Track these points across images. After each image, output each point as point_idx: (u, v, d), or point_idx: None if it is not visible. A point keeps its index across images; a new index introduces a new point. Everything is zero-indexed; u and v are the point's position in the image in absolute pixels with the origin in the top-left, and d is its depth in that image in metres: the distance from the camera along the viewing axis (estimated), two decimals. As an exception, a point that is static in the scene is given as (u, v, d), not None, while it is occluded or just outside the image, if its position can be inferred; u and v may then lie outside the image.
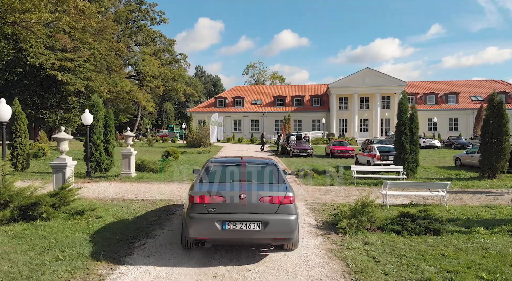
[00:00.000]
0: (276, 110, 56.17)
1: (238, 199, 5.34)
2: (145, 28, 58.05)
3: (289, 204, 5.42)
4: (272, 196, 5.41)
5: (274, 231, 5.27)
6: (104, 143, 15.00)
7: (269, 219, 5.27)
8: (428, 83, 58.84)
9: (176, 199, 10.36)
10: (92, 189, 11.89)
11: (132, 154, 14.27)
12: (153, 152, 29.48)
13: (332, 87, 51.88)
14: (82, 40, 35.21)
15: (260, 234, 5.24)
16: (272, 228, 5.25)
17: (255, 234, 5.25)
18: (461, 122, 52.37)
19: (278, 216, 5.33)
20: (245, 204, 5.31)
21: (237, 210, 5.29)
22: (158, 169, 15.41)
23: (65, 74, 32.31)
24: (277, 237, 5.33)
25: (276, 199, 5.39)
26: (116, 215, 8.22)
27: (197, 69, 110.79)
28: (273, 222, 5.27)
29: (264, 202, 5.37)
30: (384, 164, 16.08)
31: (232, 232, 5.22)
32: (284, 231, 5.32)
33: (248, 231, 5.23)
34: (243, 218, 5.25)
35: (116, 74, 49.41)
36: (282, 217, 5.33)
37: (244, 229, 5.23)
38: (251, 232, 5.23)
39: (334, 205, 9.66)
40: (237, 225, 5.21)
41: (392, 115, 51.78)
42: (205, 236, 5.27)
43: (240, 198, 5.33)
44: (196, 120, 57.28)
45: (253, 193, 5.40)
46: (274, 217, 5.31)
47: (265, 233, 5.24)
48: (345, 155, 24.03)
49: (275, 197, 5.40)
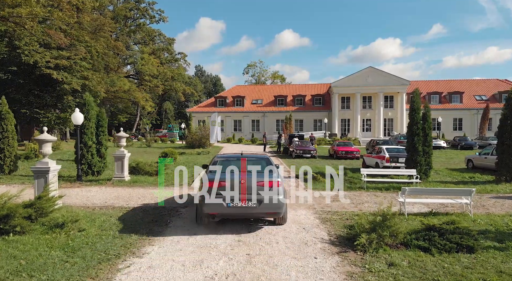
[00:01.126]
0: (277, 109, 55.23)
1: (239, 184, 6.90)
2: (144, 27, 57.07)
3: (278, 187, 7.04)
4: (264, 181, 6.99)
5: (266, 207, 6.89)
6: (96, 144, 14.05)
7: (263, 198, 6.88)
8: (431, 82, 57.89)
9: (171, 206, 9.42)
10: (81, 195, 10.95)
11: (125, 156, 13.31)
12: (151, 153, 28.54)
13: (334, 87, 50.94)
14: (78, 38, 34.24)
15: (256, 210, 6.89)
16: (265, 205, 6.87)
17: (253, 210, 6.89)
18: (465, 122, 51.42)
19: (269, 196, 6.91)
20: (244, 187, 6.88)
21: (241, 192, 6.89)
22: (154, 172, 14.46)
23: (61, 72, 31.33)
24: (269, 212, 7.02)
25: (268, 183, 6.99)
26: (102, 226, 7.28)
27: (197, 68, 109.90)
28: (266, 200, 6.88)
29: (259, 185, 6.93)
30: (394, 166, 15.13)
31: (235, 208, 6.86)
32: (274, 207, 6.95)
33: (247, 208, 6.87)
34: (243, 198, 6.87)
35: (114, 73, 48.47)
36: (272, 196, 6.91)
37: (244, 206, 6.85)
38: (250, 208, 6.87)
39: (346, 214, 8.71)
40: (241, 202, 6.84)
41: (395, 115, 50.93)
42: (215, 212, 6.87)
43: (240, 183, 6.91)
44: (196, 120, 56.32)
45: (251, 179, 6.96)
46: (267, 197, 6.89)
47: (260, 208, 6.88)
48: (350, 156, 23.08)
49: (267, 182, 6.99)
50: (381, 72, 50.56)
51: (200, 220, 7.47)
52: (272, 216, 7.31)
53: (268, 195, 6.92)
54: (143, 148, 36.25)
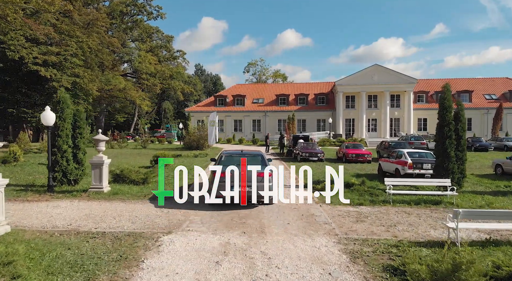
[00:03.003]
0: (279, 109, 53.18)
1: (239, 173, 9.02)
2: (141, 23, 54.97)
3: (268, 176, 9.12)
4: (259, 172, 9.21)
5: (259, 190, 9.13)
6: (72, 148, 12.02)
7: (257, 185, 9.00)
8: (439, 81, 55.75)
9: (152, 231, 7.40)
10: (44, 212, 8.93)
11: (104, 163, 11.29)
12: (145, 155, 26.51)
13: (338, 85, 48.87)
14: (69, 33, 32.24)
15: (252, 192, 9.18)
16: (258, 189, 9.10)
17: (249, 193, 9.28)
18: (475, 121, 49.29)
19: (260, 183, 9.11)
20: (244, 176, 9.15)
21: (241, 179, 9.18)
22: (140, 181, 12.44)
23: (50, 69, 29.34)
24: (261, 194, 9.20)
25: (261, 174, 9.19)
26: (49, 268, 5.25)
27: (196, 67, 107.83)
28: (259, 186, 9.09)
29: (253, 175, 8.90)
30: (418, 174, 13.10)
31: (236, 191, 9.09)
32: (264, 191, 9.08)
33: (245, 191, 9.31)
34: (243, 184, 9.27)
35: (110, 71, 46.47)
36: (262, 183, 9.05)
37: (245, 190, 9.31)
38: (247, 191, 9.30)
39: (380, 243, 6.67)
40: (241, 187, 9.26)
41: (402, 115, 48.87)
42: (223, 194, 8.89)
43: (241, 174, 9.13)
44: (195, 120, 54.30)
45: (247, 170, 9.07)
46: (260, 183, 9.11)
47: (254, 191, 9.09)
48: (361, 160, 21.04)
49: (261, 173, 9.22)
50: (387, 70, 48.50)
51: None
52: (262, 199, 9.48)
53: (259, 182, 9.06)
54: (138, 149, 34.24)
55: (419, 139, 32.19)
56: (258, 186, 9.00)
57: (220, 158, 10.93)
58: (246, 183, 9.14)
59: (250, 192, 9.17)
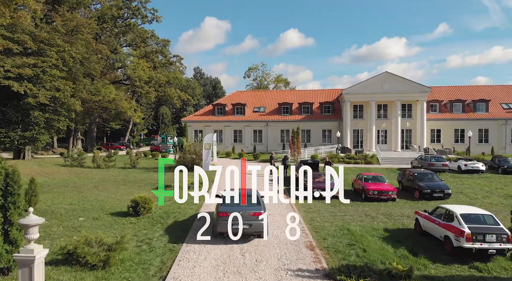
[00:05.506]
0: (281, 119, 49.85)
1: (239, 214, 11.03)
2: (135, 27, 51.58)
3: (261, 215, 11.29)
4: (254, 212, 11.32)
5: (255, 228, 11.25)
6: (2, 224, 8.63)
7: (252, 223, 11.17)
8: (452, 88, 52.40)
9: None
10: None
11: (34, 261, 7.67)
12: (130, 185, 23.15)
13: (345, 94, 45.49)
14: (49, 42, 28.88)
15: (249, 230, 11.20)
16: (254, 227, 11.22)
17: (247, 230, 11.16)
18: (492, 133, 45.91)
19: (256, 221, 11.19)
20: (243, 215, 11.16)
21: (239, 218, 11.03)
22: (100, 264, 9.03)
23: (24, 83, 26.02)
24: (256, 231, 11.32)
25: (256, 213, 11.30)
26: None
27: (195, 71, 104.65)
28: (254, 224, 11.21)
29: (250, 215, 11.22)
30: (479, 249, 9.68)
31: (237, 229, 10.94)
32: (259, 229, 11.28)
33: (245, 229, 11.10)
34: (242, 222, 11.06)
35: (100, 79, 43.12)
36: (258, 222, 11.20)
37: (242, 227, 11.03)
38: (245, 229, 11.11)
39: None
40: (239, 225, 10.97)
41: (414, 126, 45.53)
42: (224, 231, 11.09)
43: (239, 213, 11.04)
44: (192, 130, 50.99)
45: (246, 211, 11.25)
46: (255, 222, 11.20)
47: (251, 229, 11.22)
48: (384, 198, 17.67)
49: (256, 212, 11.33)
50: (398, 78, 45.12)
51: (215, 235, 11.60)
52: (257, 234, 11.54)
53: (255, 221, 11.21)
54: (126, 170, 30.88)
55: (440, 160, 28.80)
56: (254, 224, 11.21)
57: (224, 199, 12.12)
58: (245, 222, 11.11)
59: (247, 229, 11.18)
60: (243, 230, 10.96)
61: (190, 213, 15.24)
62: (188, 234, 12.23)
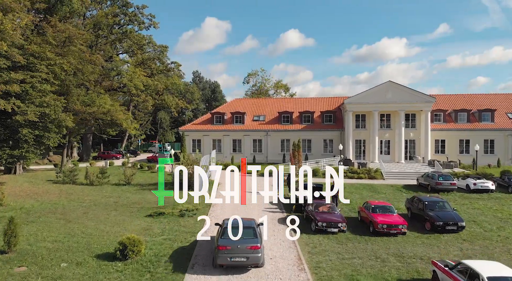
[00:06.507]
0: (281, 128, 48.65)
1: (237, 247, 12.04)
2: (131, 34, 50.25)
3: (258, 249, 12.10)
4: (252, 245, 12.11)
5: (252, 261, 12.06)
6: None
7: (250, 256, 12.00)
8: (457, 97, 51.19)
9: None
10: None
11: None
12: (123, 208, 21.86)
13: (347, 103, 44.30)
14: (39, 55, 27.60)
15: (247, 262, 12.06)
16: (251, 260, 12.03)
17: (245, 262, 12.05)
18: (498, 144, 44.71)
19: (253, 254, 12.01)
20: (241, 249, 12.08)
21: (237, 252, 11.99)
22: None
23: (12, 100, 24.73)
24: (253, 263, 12.13)
25: (253, 247, 12.09)
26: None
27: (194, 74, 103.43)
28: (251, 257, 12.02)
29: (247, 248, 12.05)
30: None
31: (236, 261, 12.01)
32: (256, 261, 12.09)
33: (242, 262, 12.04)
34: (240, 255, 11.97)
35: (95, 89, 41.84)
36: (255, 255, 12.03)
37: (240, 260, 12.00)
38: (243, 261, 12.03)
39: None
40: (237, 258, 11.97)
41: (418, 136, 44.33)
42: (224, 263, 12.07)
43: (237, 247, 12.03)
44: (190, 140, 49.80)
45: (243, 244, 12.11)
46: (252, 255, 12.01)
47: (248, 261, 12.06)
48: (394, 232, 16.42)
49: (253, 245, 12.11)
50: (402, 87, 43.92)
51: (216, 266, 12.38)
52: (255, 266, 12.33)
53: (252, 253, 12.03)
54: (120, 187, 29.61)
55: (447, 179, 27.51)
56: (251, 257, 12.04)
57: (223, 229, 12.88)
58: (243, 256, 12.00)
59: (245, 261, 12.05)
60: (241, 263, 12.07)
61: (182, 254, 13.95)
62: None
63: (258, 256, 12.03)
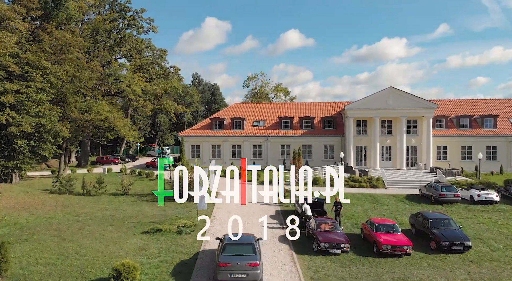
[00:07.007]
0: (281, 133, 48.13)
1: (237, 264, 12.62)
2: (130, 39, 49.66)
3: (257, 266, 12.67)
4: (251, 262, 12.70)
5: (251, 277, 12.56)
6: None
7: (249, 273, 12.55)
8: (459, 102, 50.67)
9: None
10: None
11: None
12: (119, 223, 21.30)
13: (348, 109, 43.80)
14: (35, 64, 27.06)
15: (246, 278, 12.51)
16: (250, 276, 12.54)
17: (244, 278, 12.50)
18: (500, 150, 44.17)
19: (252, 271, 12.57)
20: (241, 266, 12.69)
21: (237, 269, 12.57)
22: None
23: (6, 111, 24.20)
24: (252, 280, 12.57)
25: (252, 264, 12.67)
26: None
27: (194, 77, 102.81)
28: (251, 273, 12.57)
29: (247, 265, 12.62)
30: None
31: (235, 278, 12.49)
32: (255, 277, 12.57)
33: (242, 278, 12.51)
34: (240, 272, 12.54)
35: (92, 95, 41.29)
36: (254, 271, 12.59)
37: (240, 277, 12.49)
38: (243, 278, 12.50)
39: None
40: (237, 275, 12.49)
41: (419, 143, 43.84)
42: (224, 279, 12.48)
43: (237, 264, 12.62)
44: (189, 145, 49.27)
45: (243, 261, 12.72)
46: (251, 271, 12.57)
47: (248, 278, 12.53)
48: (398, 253, 15.90)
49: (252, 263, 12.70)
50: (403, 93, 43.44)
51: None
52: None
53: (251, 270, 12.58)
54: (117, 198, 29.06)
55: (451, 190, 26.98)
56: (251, 274, 12.63)
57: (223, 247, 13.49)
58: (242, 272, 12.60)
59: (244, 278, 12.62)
60: (241, 279, 12.54)
61: (180, 279, 13.43)
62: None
63: (257, 273, 12.69)
